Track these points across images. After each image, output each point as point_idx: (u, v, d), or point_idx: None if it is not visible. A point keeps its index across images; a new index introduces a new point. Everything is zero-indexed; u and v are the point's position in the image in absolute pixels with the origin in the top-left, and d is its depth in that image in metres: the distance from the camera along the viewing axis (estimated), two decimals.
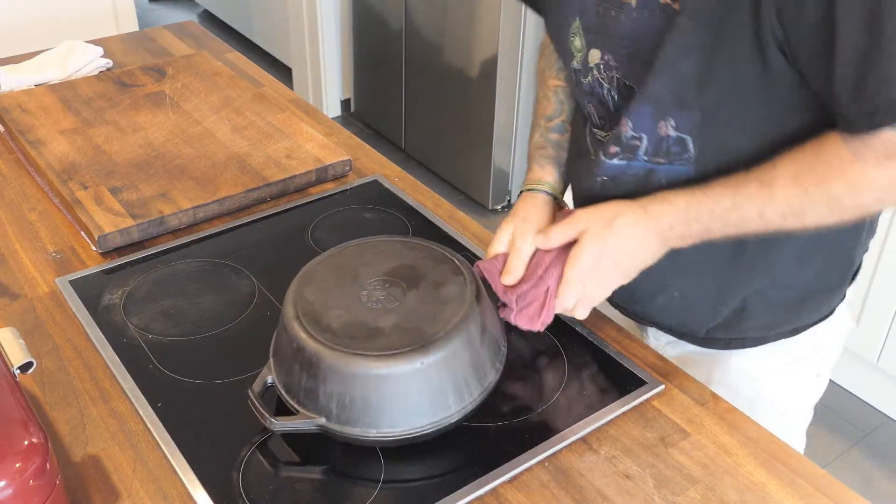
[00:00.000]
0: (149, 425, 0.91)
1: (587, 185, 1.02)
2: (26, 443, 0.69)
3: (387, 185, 1.34)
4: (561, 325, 1.06)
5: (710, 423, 0.93)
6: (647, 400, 0.96)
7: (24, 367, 0.78)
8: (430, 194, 1.33)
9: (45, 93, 1.54)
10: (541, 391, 0.97)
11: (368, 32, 3.25)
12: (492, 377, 0.91)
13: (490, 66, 2.73)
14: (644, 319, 1.12)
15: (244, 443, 0.89)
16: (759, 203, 0.87)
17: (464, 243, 1.21)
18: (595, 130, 1.01)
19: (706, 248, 0.93)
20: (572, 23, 0.96)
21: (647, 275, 0.95)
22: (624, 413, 0.94)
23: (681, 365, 1.04)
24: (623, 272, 0.93)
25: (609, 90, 0.96)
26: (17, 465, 0.68)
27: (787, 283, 1.02)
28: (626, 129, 0.94)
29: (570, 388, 0.97)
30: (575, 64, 0.99)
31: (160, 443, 0.89)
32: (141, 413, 0.92)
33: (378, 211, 1.27)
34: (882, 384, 2.18)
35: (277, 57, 3.87)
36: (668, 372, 1.00)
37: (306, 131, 1.43)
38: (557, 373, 0.99)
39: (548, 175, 1.08)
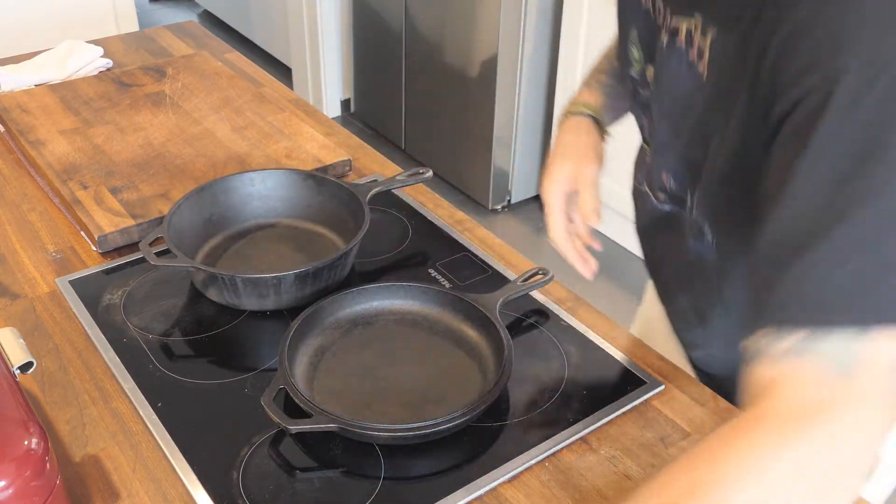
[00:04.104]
0: (149, 425, 0.91)
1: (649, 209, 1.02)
2: (26, 443, 0.69)
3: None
4: (561, 324, 1.06)
5: (711, 423, 0.93)
6: (647, 400, 0.96)
7: (24, 367, 0.78)
8: (430, 194, 1.33)
9: (45, 93, 1.54)
10: (541, 391, 0.97)
11: (368, 32, 3.25)
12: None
13: (490, 67, 2.73)
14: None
15: (244, 443, 0.89)
16: None
17: (464, 243, 1.21)
18: (644, 146, 1.00)
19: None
20: (630, 32, 0.93)
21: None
22: (624, 413, 0.94)
23: None
24: None
25: None
26: (17, 465, 0.68)
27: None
28: (668, 183, 0.92)
29: (570, 388, 0.97)
30: (633, 73, 0.95)
31: (160, 443, 0.89)
32: (141, 413, 0.92)
33: (378, 211, 1.26)
34: None
35: (277, 57, 3.87)
36: (668, 372, 1.00)
37: (306, 131, 1.43)
38: (557, 373, 0.99)
39: (593, 98, 1.04)
